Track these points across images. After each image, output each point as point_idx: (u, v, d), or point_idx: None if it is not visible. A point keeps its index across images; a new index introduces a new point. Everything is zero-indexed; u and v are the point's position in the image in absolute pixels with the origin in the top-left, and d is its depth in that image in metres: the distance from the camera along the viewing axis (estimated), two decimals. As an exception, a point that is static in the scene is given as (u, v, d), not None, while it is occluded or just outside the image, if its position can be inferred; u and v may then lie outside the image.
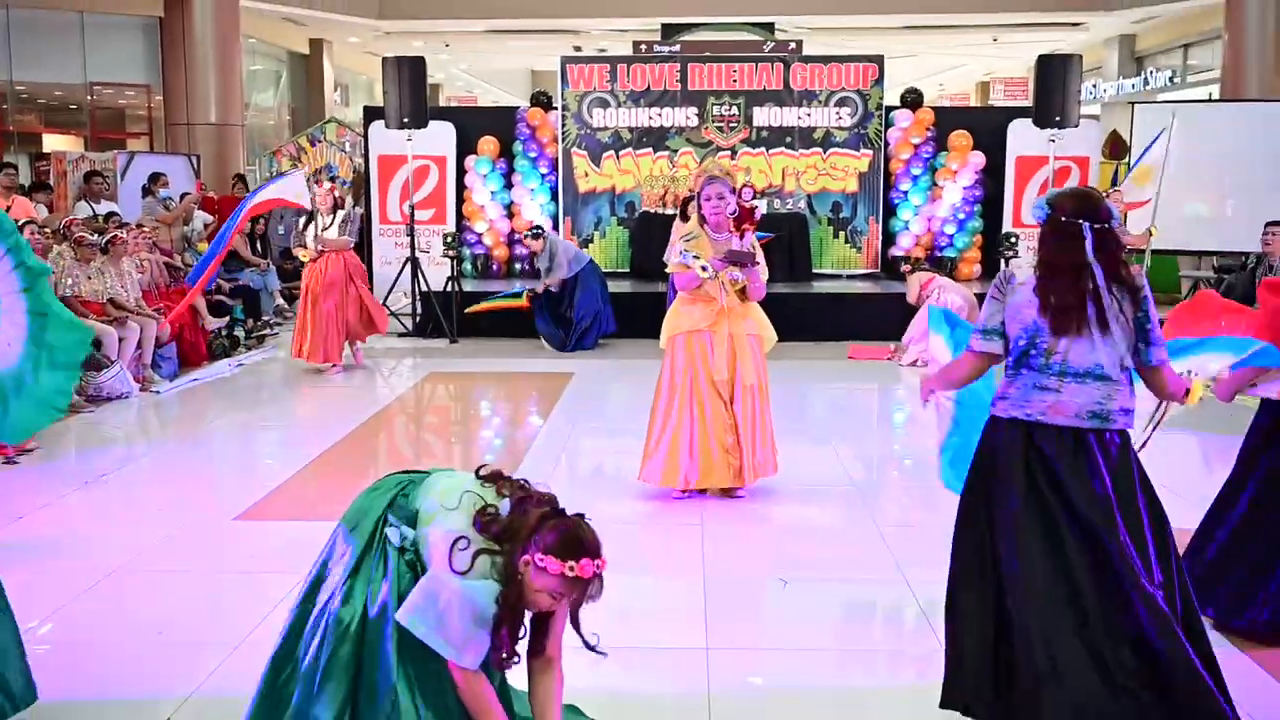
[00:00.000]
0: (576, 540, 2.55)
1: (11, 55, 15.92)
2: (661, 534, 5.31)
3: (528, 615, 2.67)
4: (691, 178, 5.61)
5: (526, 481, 2.79)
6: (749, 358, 5.64)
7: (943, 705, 3.35)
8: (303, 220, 9.08)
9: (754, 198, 5.65)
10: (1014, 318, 3.21)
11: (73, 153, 14.45)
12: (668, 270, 5.87)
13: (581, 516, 2.64)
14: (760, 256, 5.63)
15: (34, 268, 3.86)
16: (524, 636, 2.73)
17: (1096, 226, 3.15)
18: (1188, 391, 3.34)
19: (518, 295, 10.35)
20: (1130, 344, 3.17)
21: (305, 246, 9.03)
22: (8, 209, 9.53)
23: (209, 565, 4.79)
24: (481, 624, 2.59)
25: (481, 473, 2.79)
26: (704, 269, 5.53)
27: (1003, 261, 10.67)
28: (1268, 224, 9.05)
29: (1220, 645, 3.44)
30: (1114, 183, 12.44)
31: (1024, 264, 10.03)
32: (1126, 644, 3.07)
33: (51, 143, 16.51)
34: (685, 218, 8.21)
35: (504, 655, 2.65)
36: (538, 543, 2.49)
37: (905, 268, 10.77)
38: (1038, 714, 3.06)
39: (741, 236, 5.66)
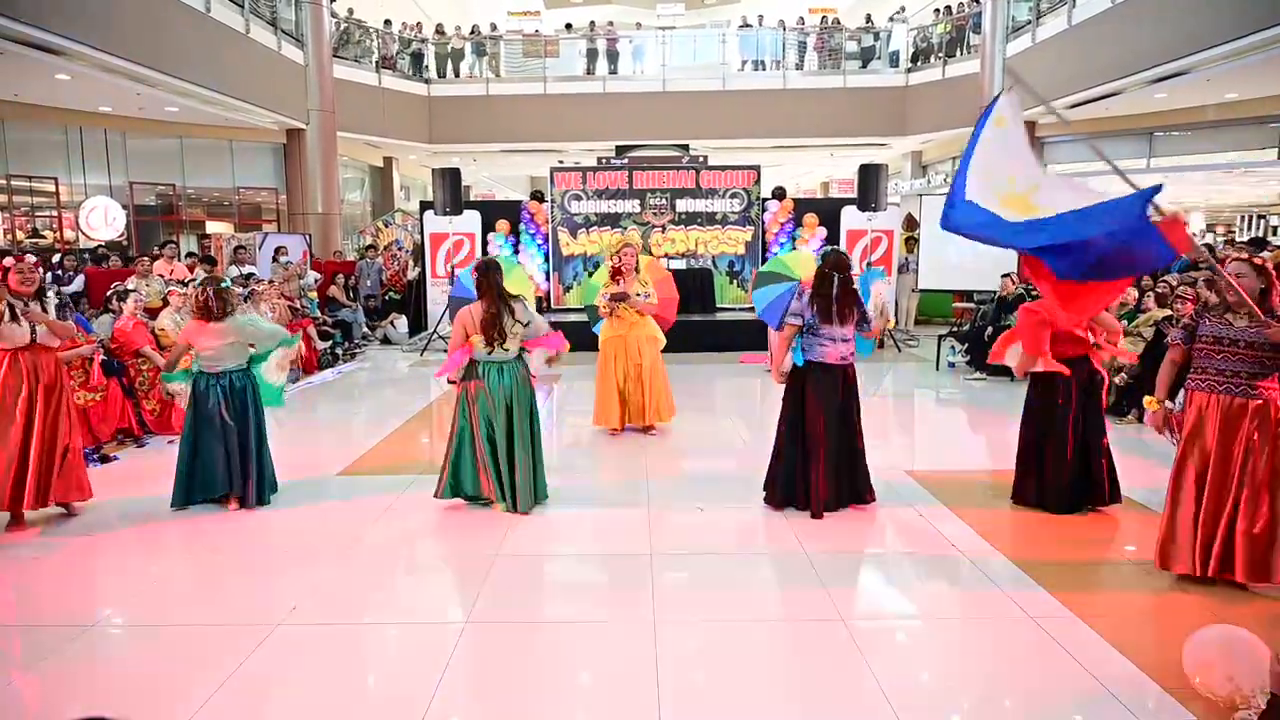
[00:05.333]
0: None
1: (184, 168, 15.71)
2: (613, 452, 5.37)
3: None
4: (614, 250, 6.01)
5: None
6: (646, 351, 5.98)
7: (766, 501, 4.49)
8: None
9: (634, 256, 5.92)
10: (804, 312, 4.28)
11: (225, 233, 14.30)
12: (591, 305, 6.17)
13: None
14: (651, 292, 5.92)
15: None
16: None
17: (841, 276, 4.28)
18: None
19: None
20: (854, 324, 4.31)
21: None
22: (170, 271, 9.41)
23: (320, 501, 4.78)
24: None
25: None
26: (606, 305, 5.93)
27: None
28: (1003, 275, 9.32)
29: (1067, 619, 3.14)
30: (909, 246, 12.61)
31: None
32: (851, 459, 4.42)
33: (211, 227, 16.21)
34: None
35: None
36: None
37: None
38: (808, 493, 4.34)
39: (618, 284, 5.89)
